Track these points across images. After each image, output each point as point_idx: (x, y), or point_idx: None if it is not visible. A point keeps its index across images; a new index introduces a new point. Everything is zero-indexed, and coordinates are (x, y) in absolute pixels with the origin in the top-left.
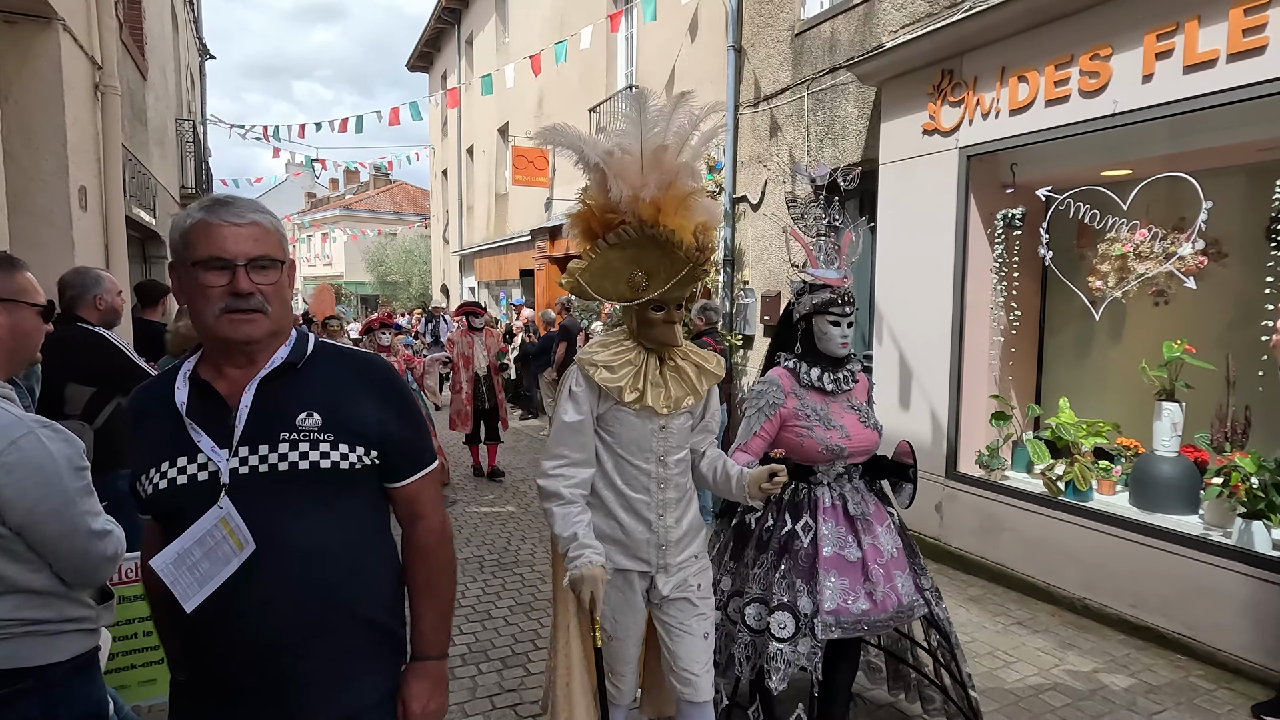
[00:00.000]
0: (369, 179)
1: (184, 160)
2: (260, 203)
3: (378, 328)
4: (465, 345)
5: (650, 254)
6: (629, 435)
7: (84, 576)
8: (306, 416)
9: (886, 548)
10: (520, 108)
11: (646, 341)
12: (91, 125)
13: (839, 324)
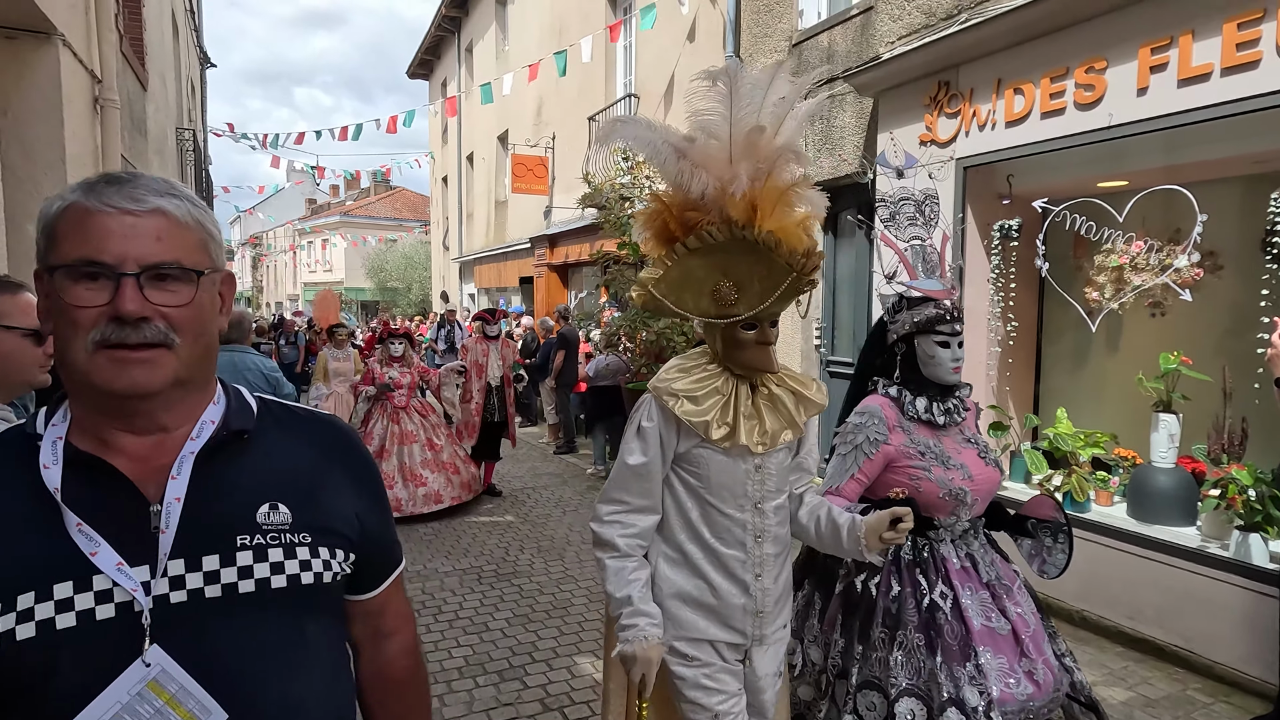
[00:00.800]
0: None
1: (184, 169)
2: (177, 183)
3: (387, 337)
4: (479, 353)
5: (741, 261)
6: (719, 479)
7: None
8: (271, 510)
9: (1028, 614)
10: (519, 115)
11: (735, 366)
12: (91, 139)
13: (949, 344)
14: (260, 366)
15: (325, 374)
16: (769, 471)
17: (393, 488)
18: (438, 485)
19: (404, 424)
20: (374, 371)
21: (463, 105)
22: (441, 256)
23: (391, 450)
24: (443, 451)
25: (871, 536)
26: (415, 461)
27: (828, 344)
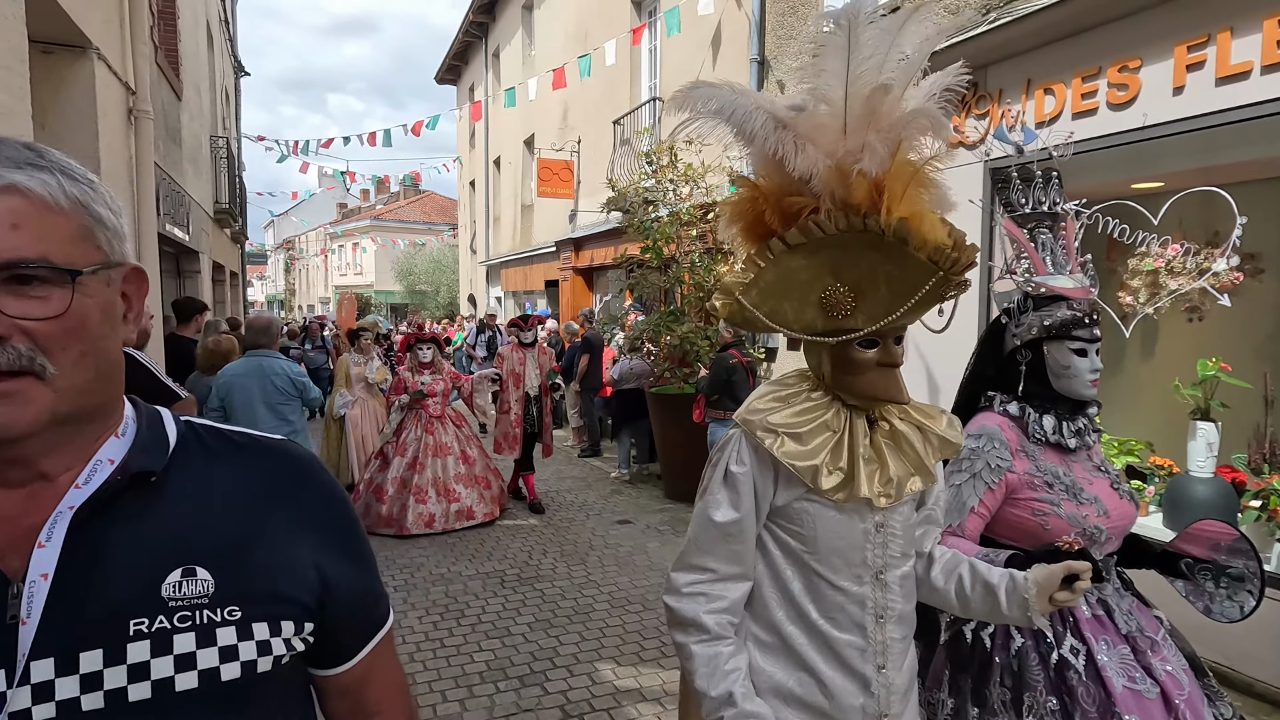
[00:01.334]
0: (399, 190)
1: (218, 176)
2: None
3: (416, 343)
4: (516, 362)
5: (860, 259)
6: (829, 541)
7: None
8: (184, 578)
9: (1179, 671)
10: (545, 120)
11: (848, 395)
12: (125, 149)
13: (1086, 352)
14: (287, 371)
15: (347, 379)
16: (893, 531)
17: (426, 502)
18: (470, 500)
19: (439, 435)
20: (405, 380)
21: (489, 110)
22: (469, 260)
23: (426, 462)
24: (476, 464)
25: (1042, 598)
26: (449, 475)
27: None
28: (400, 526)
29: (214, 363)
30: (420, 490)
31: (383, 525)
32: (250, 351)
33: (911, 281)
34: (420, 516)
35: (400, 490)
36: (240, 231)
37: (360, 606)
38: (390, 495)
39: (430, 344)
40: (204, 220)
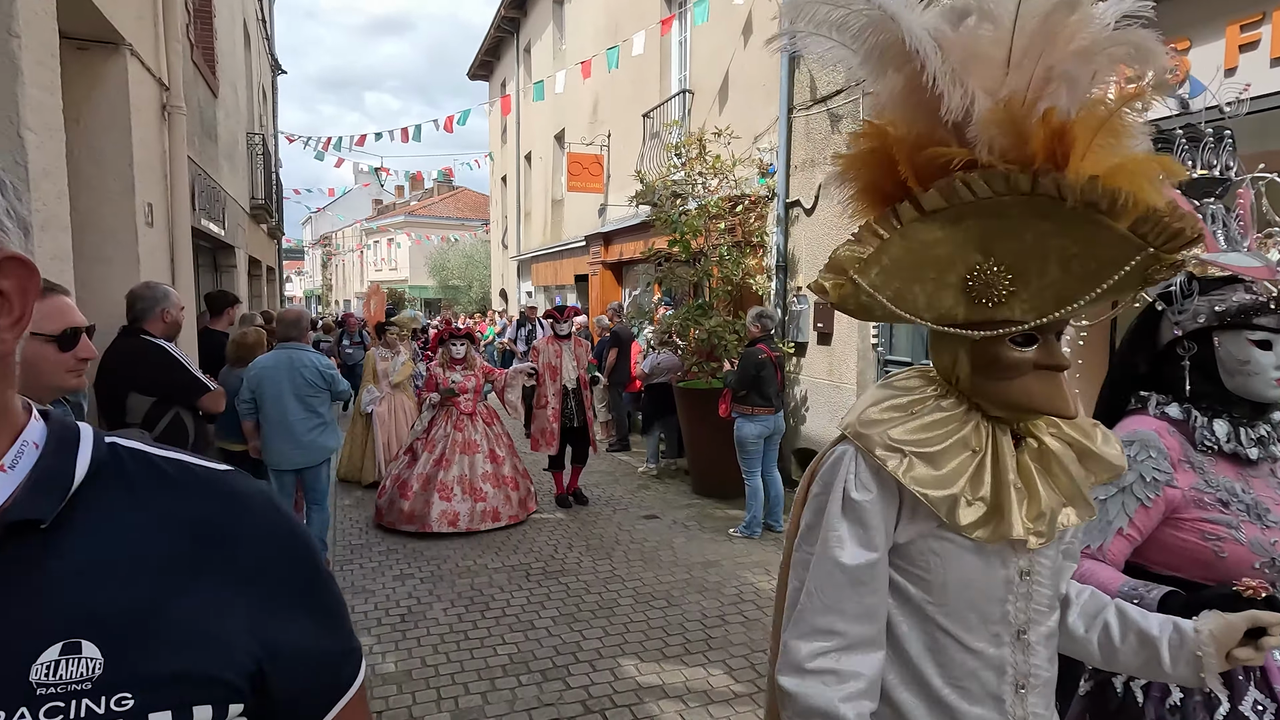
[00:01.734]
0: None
1: (254, 172)
2: None
3: (448, 338)
4: (552, 354)
5: (1023, 230)
6: (963, 591)
7: None
8: (64, 656)
9: None
10: (576, 114)
11: (992, 405)
12: (158, 145)
13: (1271, 345)
14: (316, 364)
15: (375, 375)
16: (1039, 578)
17: (451, 500)
18: (496, 502)
19: (468, 432)
20: (436, 377)
21: (521, 105)
22: (500, 255)
23: (453, 459)
24: (504, 464)
25: (1219, 655)
26: (477, 474)
27: (885, 342)
28: (423, 523)
29: (243, 355)
30: (445, 488)
31: (405, 521)
32: (280, 344)
33: (1102, 260)
34: (444, 514)
35: (425, 486)
36: (276, 227)
37: (321, 670)
38: (415, 491)
39: (463, 339)
40: (240, 216)
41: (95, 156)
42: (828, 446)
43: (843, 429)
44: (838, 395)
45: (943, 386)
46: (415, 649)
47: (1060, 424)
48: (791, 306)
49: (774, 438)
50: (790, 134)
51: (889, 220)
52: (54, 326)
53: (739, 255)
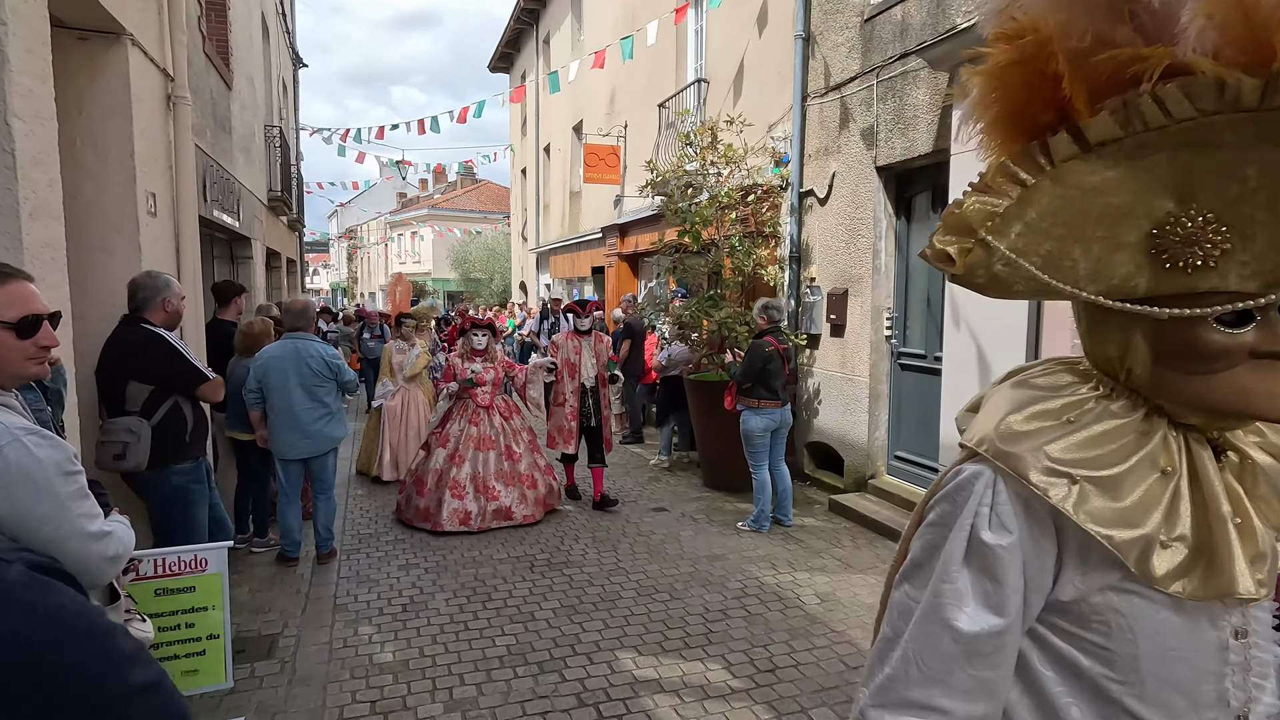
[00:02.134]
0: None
1: (271, 165)
2: None
3: (470, 329)
4: (571, 351)
5: (1246, 163)
6: (1161, 665)
7: (87, 578)
8: None
9: None
10: (593, 105)
11: (1185, 409)
12: (163, 135)
13: None
14: (322, 354)
15: (390, 368)
16: (1259, 639)
17: (463, 498)
18: (509, 500)
19: (483, 427)
20: (454, 367)
21: (539, 97)
22: (520, 247)
23: (465, 455)
24: (520, 461)
25: None
26: (489, 471)
27: (899, 335)
28: (435, 522)
29: (250, 345)
30: (457, 485)
31: (419, 518)
32: (287, 334)
33: None
34: (455, 513)
35: (438, 483)
36: (297, 219)
37: None
38: (429, 488)
39: (485, 330)
40: (256, 207)
41: (97, 147)
42: (953, 464)
43: (972, 443)
44: (850, 388)
45: (1105, 384)
46: (414, 639)
47: (1265, 429)
48: (804, 298)
49: (781, 431)
50: (804, 122)
51: (1033, 159)
52: (12, 314)
53: (750, 246)
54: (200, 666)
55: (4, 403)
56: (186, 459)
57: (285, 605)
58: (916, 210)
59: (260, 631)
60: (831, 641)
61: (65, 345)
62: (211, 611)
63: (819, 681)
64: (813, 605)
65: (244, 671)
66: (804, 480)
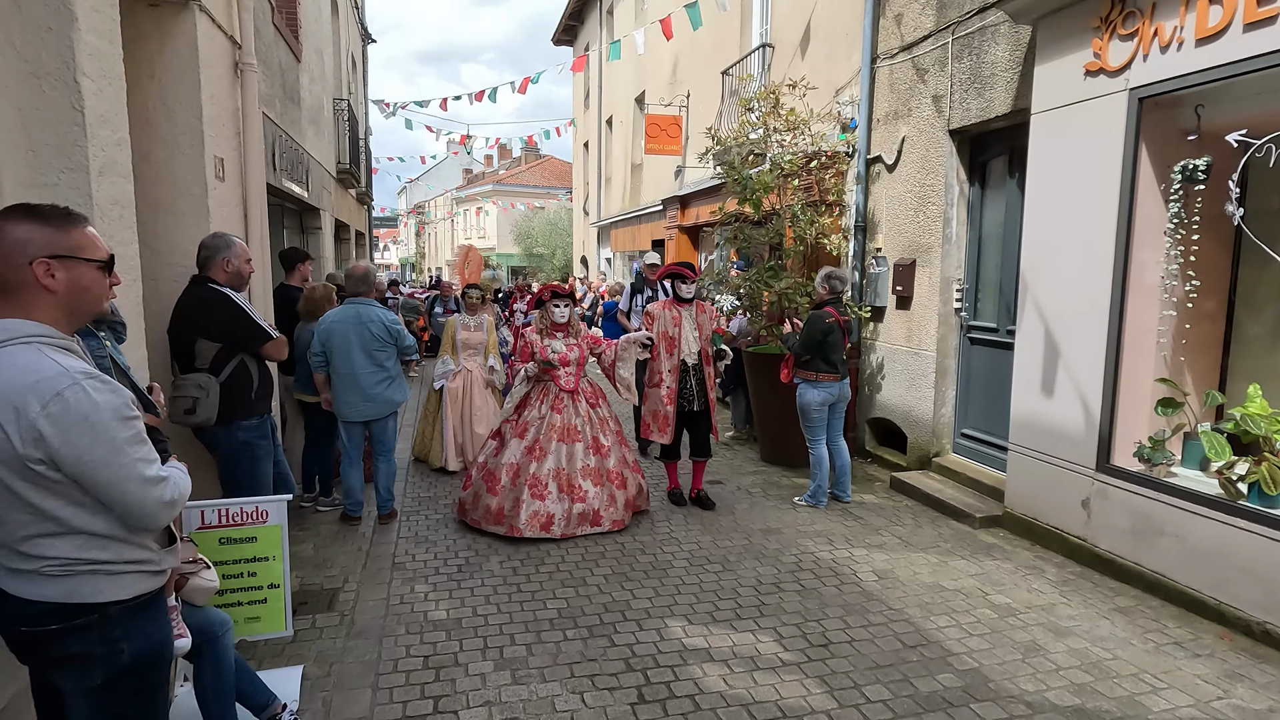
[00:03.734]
0: (520, 155)
1: (340, 138)
2: None
3: (551, 299)
4: (669, 322)
5: None
6: None
7: (141, 521)
8: None
9: None
10: (656, 75)
11: None
12: (230, 100)
13: None
14: (383, 319)
15: (453, 345)
16: None
17: (544, 498)
18: (598, 503)
19: (568, 415)
20: (533, 344)
21: (602, 69)
22: (582, 221)
23: (548, 448)
24: (610, 456)
25: None
26: (576, 467)
27: (969, 307)
28: (511, 525)
29: (312, 310)
30: (538, 483)
31: (491, 521)
32: (348, 300)
33: None
34: (535, 516)
35: (515, 480)
36: (365, 193)
37: None
38: (503, 485)
39: (567, 300)
40: (325, 179)
41: (167, 111)
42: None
43: None
44: (916, 362)
45: None
46: (468, 599)
47: None
48: (870, 269)
49: (839, 405)
50: (873, 85)
51: None
52: (101, 253)
53: (814, 214)
54: (262, 614)
55: (66, 346)
56: (253, 415)
57: (346, 562)
58: (991, 176)
59: (322, 586)
60: (889, 619)
61: (136, 303)
62: (272, 562)
63: (874, 659)
64: (870, 582)
65: (305, 623)
66: (865, 457)
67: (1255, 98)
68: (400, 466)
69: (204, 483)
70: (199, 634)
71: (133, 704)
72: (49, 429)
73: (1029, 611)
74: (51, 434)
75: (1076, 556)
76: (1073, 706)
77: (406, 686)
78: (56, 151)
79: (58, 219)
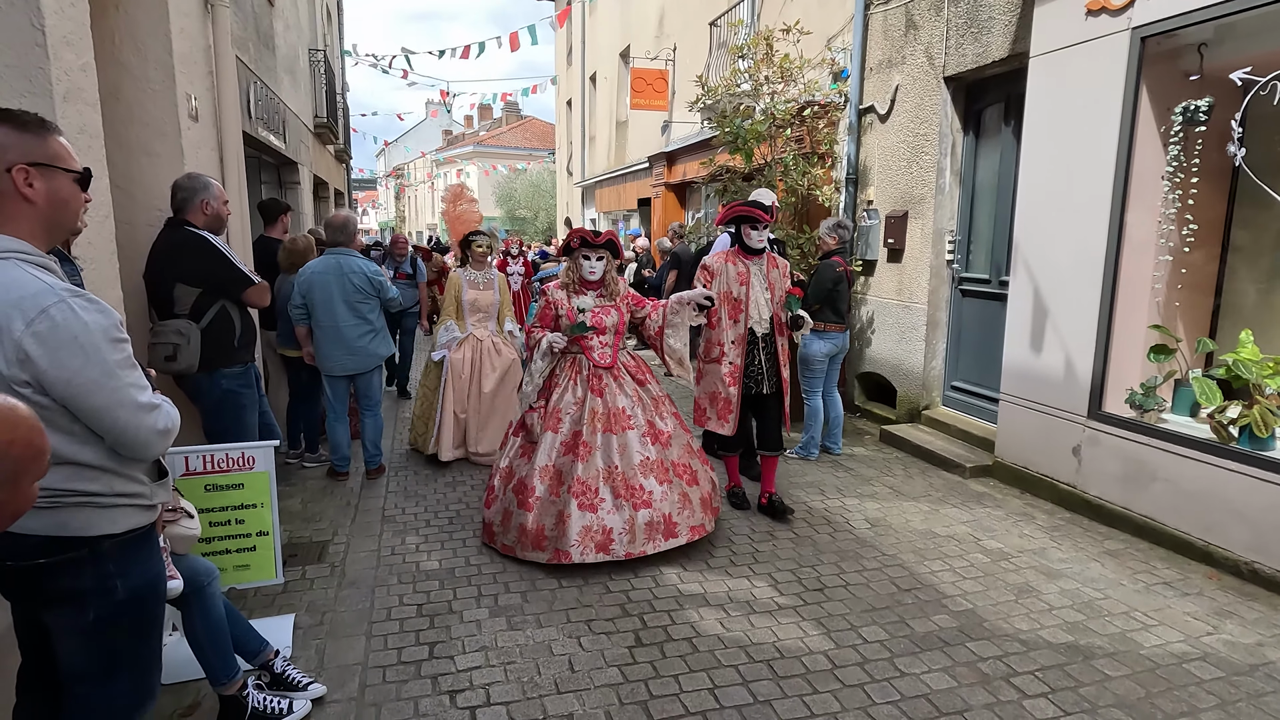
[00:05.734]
0: (501, 116)
1: (317, 90)
2: None
3: (579, 247)
4: (734, 279)
5: None
6: None
7: (135, 450)
8: None
9: None
10: (641, 29)
11: None
12: (201, 38)
13: None
14: (365, 270)
15: (458, 306)
16: None
17: (597, 508)
18: (668, 505)
19: (610, 396)
20: (557, 304)
21: (586, 25)
22: (566, 182)
23: (594, 443)
24: (672, 445)
25: None
26: (633, 462)
27: (962, 260)
28: (558, 549)
29: (294, 261)
30: (587, 489)
31: (530, 546)
32: (329, 250)
33: None
34: (588, 533)
35: (554, 488)
36: (344, 150)
37: None
38: (539, 497)
39: (602, 252)
40: (302, 132)
41: (136, 45)
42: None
43: None
44: (907, 315)
45: None
46: (460, 549)
47: None
48: (861, 221)
49: (839, 357)
50: (866, 31)
51: None
52: (76, 165)
53: (806, 165)
54: (251, 562)
55: (45, 264)
56: (235, 363)
57: (335, 516)
58: (986, 124)
59: (311, 538)
60: (883, 564)
61: (109, 241)
62: (260, 509)
63: (869, 602)
64: (863, 529)
65: (295, 574)
66: (854, 412)
67: (1258, 35)
68: (387, 420)
69: (188, 434)
70: (185, 582)
71: (127, 641)
72: (36, 349)
73: (1021, 555)
74: (39, 354)
75: (1066, 503)
76: (1066, 643)
77: (401, 634)
78: (17, 73)
79: (35, 125)
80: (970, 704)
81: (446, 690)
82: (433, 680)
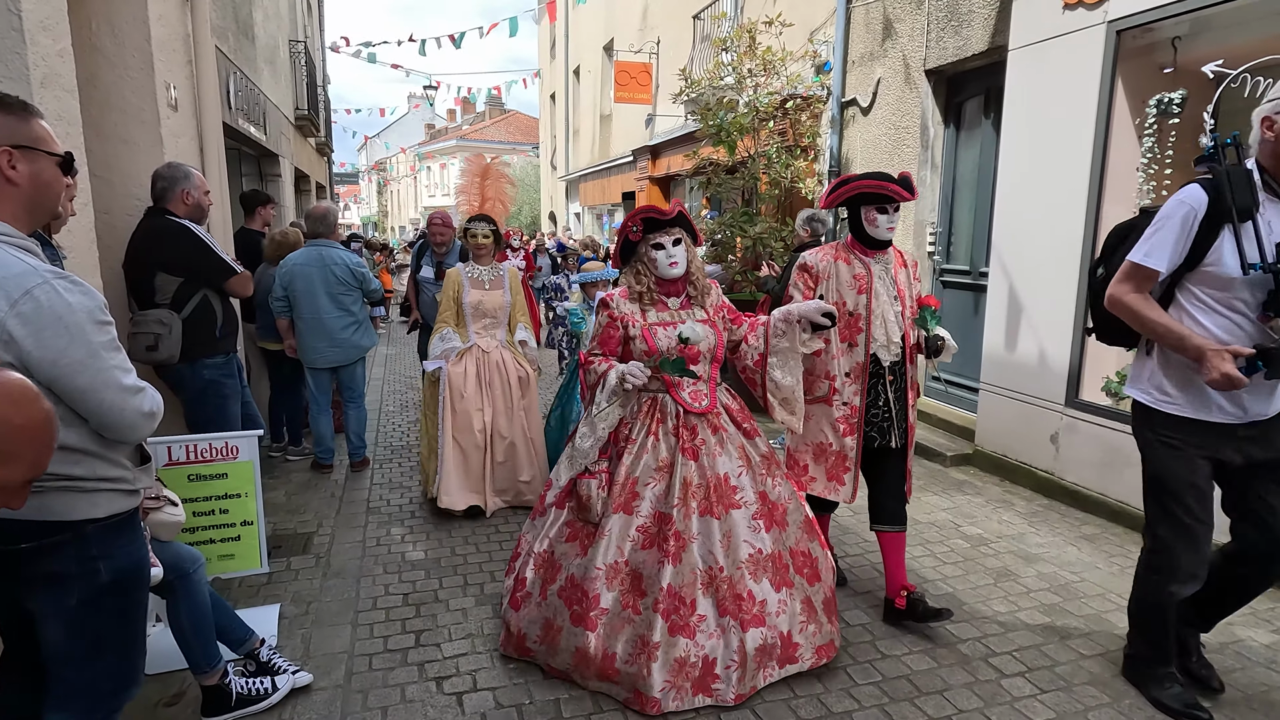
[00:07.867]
0: (484, 110)
1: (297, 82)
2: None
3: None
4: (850, 283)
5: None
6: None
7: (122, 432)
8: None
9: None
10: (625, 22)
11: None
12: (180, 25)
13: None
14: (347, 261)
15: (457, 312)
16: None
17: (694, 631)
18: (787, 621)
19: (709, 458)
20: (626, 322)
21: (569, 16)
22: (550, 176)
23: (688, 531)
24: (789, 524)
25: None
26: (739, 557)
27: (942, 251)
28: (637, 690)
29: (279, 254)
30: (680, 601)
31: (594, 675)
32: (310, 241)
33: None
34: (684, 668)
35: (630, 597)
36: (325, 143)
37: None
38: (608, 610)
39: (678, 231)
40: (283, 124)
41: (114, 31)
42: None
43: None
44: None
45: None
46: (446, 540)
47: None
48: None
49: None
50: (849, 25)
51: None
52: (57, 148)
53: (788, 158)
54: (236, 552)
55: (27, 247)
56: (218, 353)
57: (320, 507)
58: (967, 117)
59: (296, 530)
60: (864, 550)
61: (88, 229)
62: (244, 499)
63: (851, 587)
64: (845, 517)
65: (280, 565)
66: None
67: (1231, 29)
68: (371, 413)
69: (171, 425)
70: (170, 570)
71: (111, 625)
72: (20, 329)
73: (999, 541)
74: (23, 335)
75: (1044, 490)
76: (1043, 625)
77: (387, 622)
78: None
79: (18, 108)
80: (950, 683)
81: (433, 677)
82: (419, 667)
